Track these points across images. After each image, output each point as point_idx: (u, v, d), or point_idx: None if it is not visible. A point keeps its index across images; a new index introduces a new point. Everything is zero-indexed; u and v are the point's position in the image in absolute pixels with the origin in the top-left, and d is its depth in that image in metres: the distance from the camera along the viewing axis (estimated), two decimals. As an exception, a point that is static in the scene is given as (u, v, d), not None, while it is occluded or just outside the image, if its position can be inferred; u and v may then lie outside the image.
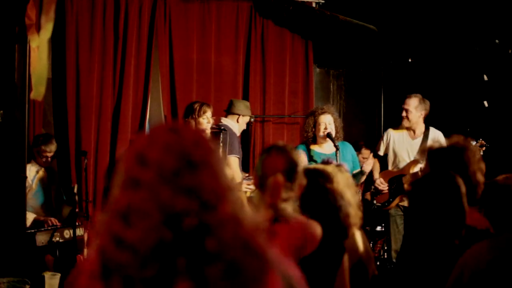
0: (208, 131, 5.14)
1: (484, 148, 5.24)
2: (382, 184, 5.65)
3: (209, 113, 5.17)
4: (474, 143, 5.25)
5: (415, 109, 5.47)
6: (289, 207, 2.30)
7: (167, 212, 1.18)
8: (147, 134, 1.28)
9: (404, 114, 5.48)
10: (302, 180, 2.37)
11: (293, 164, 2.32)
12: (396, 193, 5.55)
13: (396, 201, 5.55)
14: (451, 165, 2.46)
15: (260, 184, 2.32)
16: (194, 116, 5.11)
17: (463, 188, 2.28)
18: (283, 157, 2.31)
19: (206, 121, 5.12)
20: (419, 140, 5.53)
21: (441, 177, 2.31)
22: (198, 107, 5.14)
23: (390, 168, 5.73)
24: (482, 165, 2.62)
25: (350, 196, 2.65)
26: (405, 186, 5.48)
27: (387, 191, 5.66)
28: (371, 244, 5.83)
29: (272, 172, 2.28)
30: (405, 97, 5.51)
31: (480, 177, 2.60)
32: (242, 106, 5.61)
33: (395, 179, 5.58)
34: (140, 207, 1.19)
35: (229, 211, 1.20)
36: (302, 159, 4.81)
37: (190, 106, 5.20)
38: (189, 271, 1.17)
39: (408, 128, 5.56)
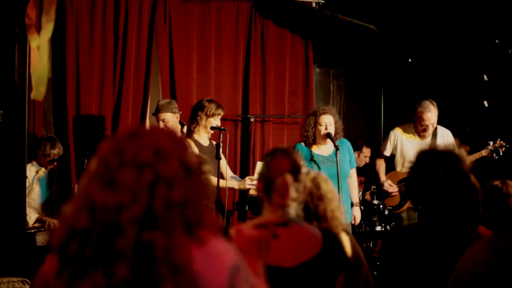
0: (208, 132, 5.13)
1: (503, 149, 5.19)
2: (391, 187, 5.57)
3: (221, 116, 5.16)
4: (491, 143, 5.23)
5: (436, 117, 5.39)
6: (293, 211, 2.31)
7: (89, 202, 1.26)
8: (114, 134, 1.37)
9: (430, 128, 5.38)
10: (306, 182, 2.39)
11: (297, 165, 2.34)
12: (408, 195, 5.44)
13: (408, 203, 5.47)
14: (451, 165, 2.44)
15: (266, 188, 2.32)
16: (207, 113, 5.05)
17: (478, 189, 2.26)
18: (288, 158, 2.34)
19: (215, 122, 5.09)
20: (428, 140, 5.47)
21: (456, 176, 2.27)
22: (214, 107, 5.08)
23: (398, 169, 5.67)
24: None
25: (319, 207, 2.65)
26: None
27: (397, 193, 5.57)
28: (371, 244, 5.83)
29: (278, 174, 2.30)
30: (421, 113, 5.35)
31: None
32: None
33: (405, 180, 5.50)
34: (76, 194, 1.30)
35: (138, 214, 1.24)
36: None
37: (204, 103, 5.12)
38: (99, 264, 1.23)
39: (417, 129, 5.52)
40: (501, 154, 5.25)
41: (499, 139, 5.24)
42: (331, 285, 2.26)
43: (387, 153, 5.70)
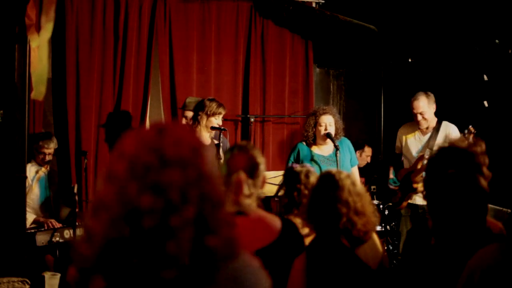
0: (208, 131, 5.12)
1: (472, 135, 5.21)
2: (394, 183, 5.61)
3: (222, 115, 5.14)
4: (465, 131, 5.26)
5: (428, 107, 5.42)
6: (252, 203, 2.44)
7: (129, 208, 1.16)
8: (134, 131, 1.28)
9: (419, 118, 5.38)
10: (263, 177, 2.51)
11: (254, 162, 2.45)
12: (407, 190, 5.49)
13: (407, 198, 5.50)
14: (463, 166, 2.40)
15: (225, 182, 2.43)
16: (207, 113, 5.04)
17: (486, 190, 2.25)
18: (245, 155, 2.45)
19: (216, 122, 5.07)
20: (428, 135, 5.48)
21: (464, 177, 2.26)
22: (215, 106, 5.07)
23: (405, 167, 5.71)
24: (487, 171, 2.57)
25: (357, 203, 2.67)
26: (414, 185, 5.44)
27: (397, 188, 5.60)
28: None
29: (235, 171, 2.42)
30: (411, 102, 5.42)
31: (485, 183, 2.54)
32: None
33: (406, 176, 5.53)
34: (105, 199, 1.18)
35: (192, 214, 1.17)
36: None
37: (205, 102, 5.12)
38: (145, 272, 1.15)
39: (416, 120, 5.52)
40: (470, 140, 5.28)
41: (470, 126, 5.26)
42: (287, 269, 2.38)
43: (398, 151, 5.73)
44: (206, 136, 5.12)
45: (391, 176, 5.70)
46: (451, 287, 2.00)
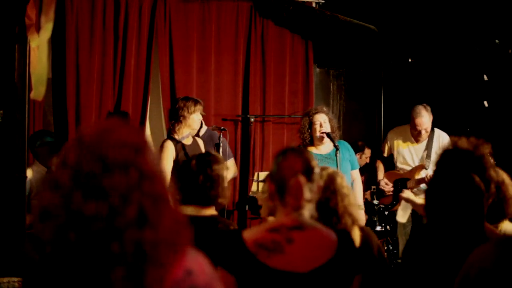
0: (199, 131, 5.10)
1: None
2: (387, 185, 5.63)
3: (201, 111, 5.05)
4: None
5: (429, 121, 5.49)
6: (307, 213, 2.22)
7: (74, 215, 1.19)
8: (75, 137, 1.30)
9: (423, 132, 5.47)
10: (319, 181, 2.30)
11: (310, 165, 2.24)
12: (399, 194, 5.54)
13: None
14: (469, 168, 2.39)
15: (279, 189, 2.21)
16: (189, 111, 4.94)
17: (483, 190, 2.24)
18: (300, 158, 2.23)
19: (198, 118, 4.98)
20: (424, 144, 5.53)
21: (461, 178, 2.25)
22: (192, 103, 4.96)
23: (396, 169, 5.72)
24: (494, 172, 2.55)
25: (331, 201, 2.63)
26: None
27: (391, 192, 5.64)
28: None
29: (291, 175, 2.19)
30: (413, 118, 5.47)
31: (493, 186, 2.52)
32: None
33: (400, 182, 5.56)
34: (51, 208, 1.20)
35: (134, 215, 1.20)
36: None
37: (184, 102, 5.01)
38: (95, 273, 1.19)
39: (413, 133, 5.56)
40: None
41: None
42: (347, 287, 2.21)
43: (385, 154, 5.83)
44: (187, 134, 5.04)
45: (380, 177, 5.73)
46: (449, 285, 2.01)
